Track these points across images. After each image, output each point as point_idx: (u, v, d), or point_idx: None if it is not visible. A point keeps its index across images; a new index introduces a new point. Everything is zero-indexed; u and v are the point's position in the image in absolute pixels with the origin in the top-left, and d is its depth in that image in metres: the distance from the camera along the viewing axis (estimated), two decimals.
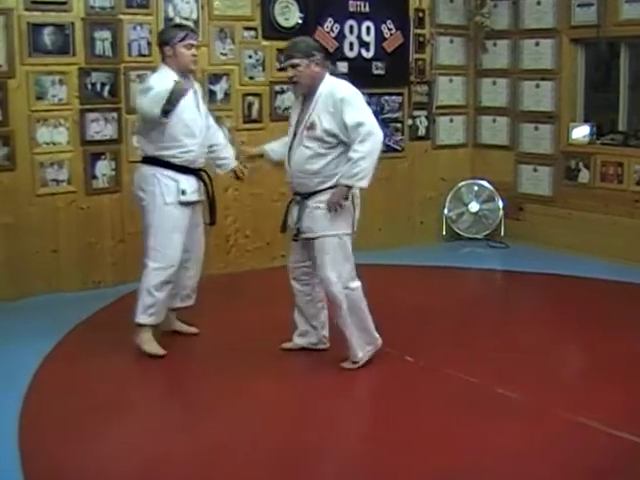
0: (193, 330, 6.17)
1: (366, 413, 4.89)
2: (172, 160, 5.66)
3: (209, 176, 5.95)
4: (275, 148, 5.79)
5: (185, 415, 4.93)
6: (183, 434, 4.64)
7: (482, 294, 7.61)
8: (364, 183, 5.25)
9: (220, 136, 6.11)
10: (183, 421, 4.86)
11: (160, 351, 5.73)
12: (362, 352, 5.49)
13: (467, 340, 6.12)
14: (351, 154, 5.19)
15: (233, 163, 6.13)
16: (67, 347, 5.96)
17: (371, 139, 5.18)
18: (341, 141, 5.27)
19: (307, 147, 5.34)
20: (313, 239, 5.41)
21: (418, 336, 6.17)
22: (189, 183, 5.74)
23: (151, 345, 5.75)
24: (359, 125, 5.16)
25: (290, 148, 5.47)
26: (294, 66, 5.32)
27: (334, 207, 5.30)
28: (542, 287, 7.64)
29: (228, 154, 6.12)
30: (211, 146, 5.97)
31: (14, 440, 4.47)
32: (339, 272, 5.38)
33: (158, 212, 5.68)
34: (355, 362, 5.47)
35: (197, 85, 5.96)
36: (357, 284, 5.48)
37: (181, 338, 6.07)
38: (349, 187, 5.28)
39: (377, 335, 5.57)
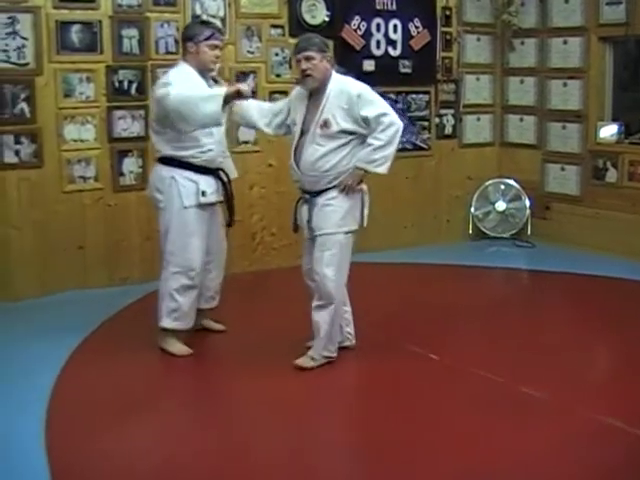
0: (220, 327, 6.16)
1: (390, 411, 4.87)
2: (191, 160, 5.57)
3: (227, 175, 5.86)
4: (251, 104, 5.81)
5: (210, 413, 4.92)
6: (207, 432, 4.65)
7: (508, 293, 7.59)
8: (382, 169, 5.31)
9: (224, 144, 5.91)
10: (208, 419, 4.85)
11: (186, 351, 5.74)
12: (326, 353, 5.48)
13: (492, 339, 6.11)
14: (371, 141, 5.25)
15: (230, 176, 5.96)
16: (93, 344, 5.98)
17: (393, 128, 5.24)
18: (357, 136, 5.30)
19: (320, 145, 5.33)
20: (321, 236, 5.40)
21: (443, 334, 6.16)
22: (208, 183, 5.66)
23: (176, 346, 5.75)
24: (381, 116, 5.23)
25: (296, 147, 5.45)
26: (308, 59, 5.32)
27: (347, 190, 5.33)
28: (568, 287, 7.59)
29: (225, 167, 5.92)
30: None
31: (41, 435, 4.50)
32: (336, 270, 5.37)
33: (176, 215, 5.61)
34: (314, 360, 5.46)
35: (221, 81, 5.93)
36: (344, 286, 5.52)
37: (207, 336, 6.08)
38: (366, 172, 5.34)
39: (337, 347, 5.56)
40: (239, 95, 5.38)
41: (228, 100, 5.36)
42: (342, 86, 5.35)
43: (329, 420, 4.99)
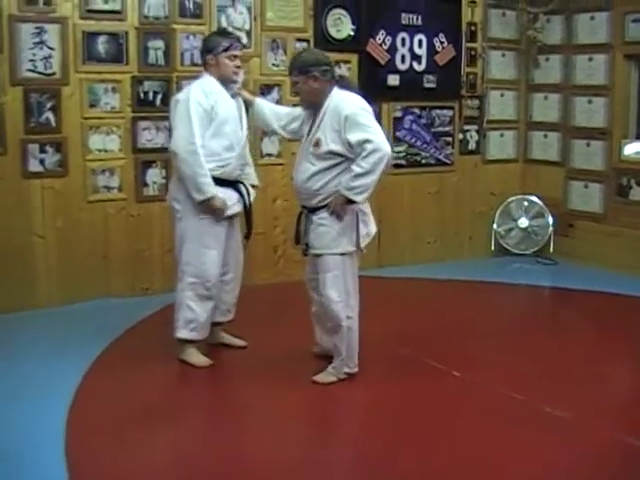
0: (241, 343, 6.11)
1: (409, 427, 4.85)
2: (210, 173, 5.52)
3: (247, 188, 5.84)
4: (266, 107, 5.85)
5: (228, 425, 4.92)
6: (224, 444, 4.64)
7: (530, 311, 7.55)
8: (359, 198, 5.18)
9: (247, 153, 5.94)
10: (225, 431, 4.83)
11: (207, 362, 5.74)
12: (346, 369, 5.46)
13: (514, 356, 6.07)
14: (354, 167, 5.12)
15: (252, 182, 5.98)
16: (115, 353, 6.00)
17: (376, 155, 5.08)
18: (346, 159, 5.19)
19: (311, 164, 5.29)
20: (317, 255, 5.39)
21: (465, 351, 6.13)
22: (227, 196, 5.64)
23: (196, 357, 5.75)
24: (365, 142, 5.08)
25: (298, 162, 5.45)
26: (293, 82, 5.40)
27: (334, 214, 5.25)
28: (590, 305, 7.55)
29: (247, 175, 5.94)
30: None
31: (61, 442, 4.51)
32: (340, 291, 5.33)
33: (193, 226, 5.61)
34: (339, 378, 5.45)
35: (245, 93, 5.94)
36: (355, 305, 5.46)
37: (227, 348, 6.07)
38: (346, 198, 5.21)
39: (357, 363, 5.51)
40: (216, 210, 5.54)
41: (209, 202, 5.50)
42: (337, 104, 5.23)
43: (347, 435, 4.99)
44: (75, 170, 7.03)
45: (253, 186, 5.97)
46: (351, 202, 5.21)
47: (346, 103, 5.23)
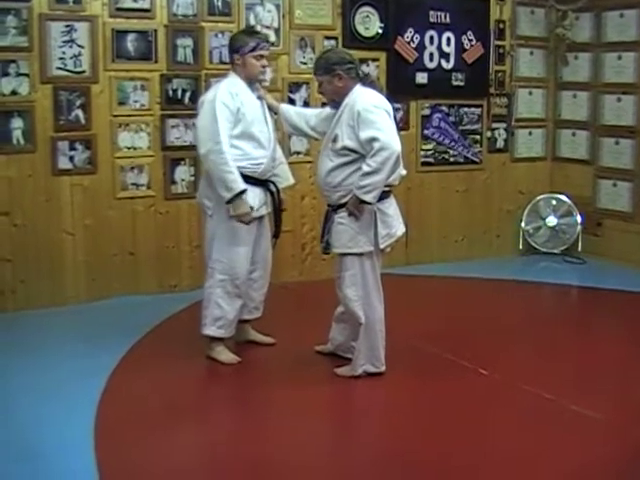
0: (269, 340, 6.13)
1: (436, 424, 4.84)
2: (241, 170, 5.53)
3: (277, 187, 5.87)
4: (292, 111, 5.85)
5: (254, 422, 4.91)
6: (250, 440, 4.65)
7: (558, 309, 7.53)
8: (368, 197, 5.14)
9: (278, 152, 5.96)
10: (251, 428, 4.84)
11: (235, 359, 5.75)
12: (365, 367, 5.47)
13: (542, 355, 6.05)
14: (363, 166, 5.11)
15: (285, 183, 6.02)
16: (143, 350, 6.02)
17: (382, 154, 5.05)
18: (362, 155, 5.18)
19: (330, 159, 5.31)
20: (337, 254, 5.41)
21: (493, 349, 6.12)
22: (258, 198, 5.67)
23: (225, 354, 5.77)
24: (372, 140, 5.08)
25: (320, 158, 5.49)
26: (318, 83, 5.44)
27: (352, 214, 5.24)
28: (619, 304, 7.50)
29: (282, 172, 5.99)
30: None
31: (89, 437, 4.55)
32: (358, 290, 5.35)
33: (223, 224, 5.62)
34: (353, 374, 5.46)
35: (270, 99, 5.94)
36: (377, 304, 5.45)
37: (254, 345, 6.09)
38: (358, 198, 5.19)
39: (383, 362, 5.50)
40: (242, 215, 5.50)
41: (238, 199, 5.44)
42: (354, 100, 5.25)
43: (374, 432, 4.97)
44: (104, 167, 7.07)
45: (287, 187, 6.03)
46: (364, 202, 5.20)
47: (360, 99, 5.25)
